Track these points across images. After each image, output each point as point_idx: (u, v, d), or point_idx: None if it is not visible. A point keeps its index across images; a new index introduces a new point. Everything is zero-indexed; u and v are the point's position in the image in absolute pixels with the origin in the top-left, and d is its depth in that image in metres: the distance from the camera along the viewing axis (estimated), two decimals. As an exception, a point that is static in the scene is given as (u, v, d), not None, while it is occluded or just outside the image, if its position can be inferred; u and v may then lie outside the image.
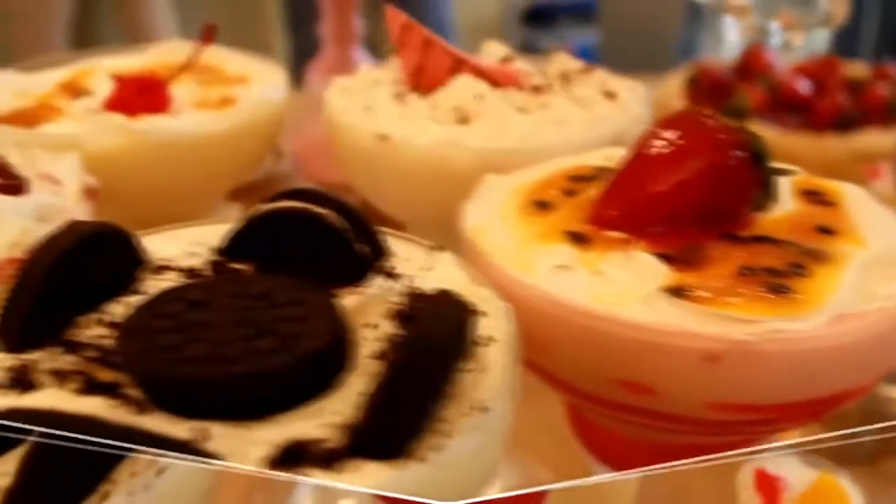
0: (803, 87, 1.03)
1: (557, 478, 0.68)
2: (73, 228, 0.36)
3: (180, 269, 0.39)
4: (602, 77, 0.68)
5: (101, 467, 0.30)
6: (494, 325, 0.36)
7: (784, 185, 0.45)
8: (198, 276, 0.39)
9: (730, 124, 0.44)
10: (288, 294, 0.35)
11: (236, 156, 0.65)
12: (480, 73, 0.60)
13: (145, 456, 0.30)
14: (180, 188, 0.63)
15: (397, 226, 0.50)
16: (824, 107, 1.00)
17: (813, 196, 0.46)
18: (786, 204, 0.45)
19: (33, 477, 0.29)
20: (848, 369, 0.39)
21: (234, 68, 0.71)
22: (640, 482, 0.67)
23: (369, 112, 0.58)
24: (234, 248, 0.40)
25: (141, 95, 0.61)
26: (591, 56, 0.87)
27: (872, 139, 0.98)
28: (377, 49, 0.94)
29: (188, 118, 0.62)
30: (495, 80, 0.61)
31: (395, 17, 0.60)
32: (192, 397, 0.31)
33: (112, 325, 0.35)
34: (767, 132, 1.00)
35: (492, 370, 0.34)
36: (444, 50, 0.60)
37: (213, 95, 0.65)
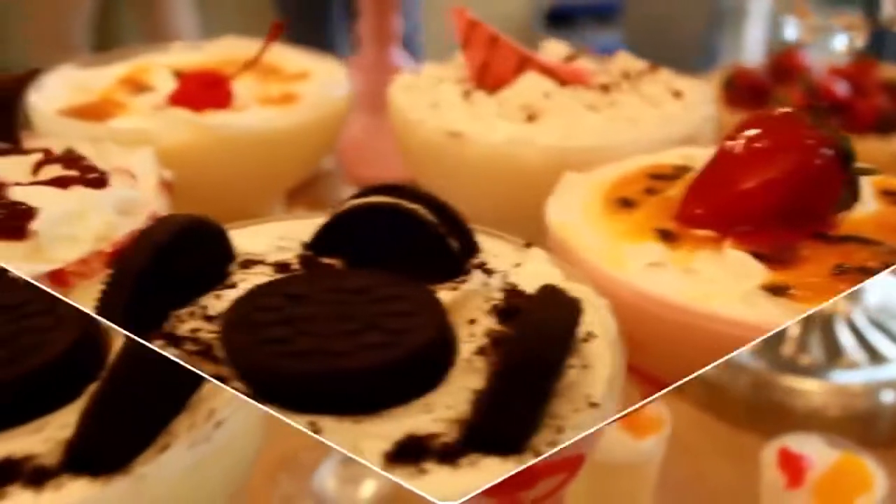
0: (841, 88, 1.03)
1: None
2: (168, 222, 0.36)
3: (271, 264, 0.39)
4: (667, 76, 0.67)
5: (160, 418, 0.30)
6: (595, 322, 0.36)
7: (866, 185, 0.45)
8: (288, 270, 0.38)
9: (814, 124, 0.44)
10: (388, 289, 0.34)
11: (301, 152, 0.65)
12: (547, 70, 0.60)
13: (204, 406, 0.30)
14: (246, 184, 0.63)
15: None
16: (864, 108, 0.99)
17: (893, 196, 0.46)
18: (868, 204, 0.45)
19: (93, 429, 0.29)
20: None
21: (292, 65, 0.71)
22: (660, 465, 0.67)
23: (437, 109, 0.58)
24: (323, 243, 0.40)
25: (205, 91, 0.60)
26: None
27: None
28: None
29: (254, 114, 0.61)
30: (562, 78, 0.60)
31: (461, 15, 0.59)
32: (304, 391, 0.31)
33: (208, 318, 0.35)
34: None
35: (597, 366, 0.34)
36: (509, 47, 0.59)
37: (274, 92, 0.65)
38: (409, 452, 0.29)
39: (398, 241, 0.38)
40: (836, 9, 1.05)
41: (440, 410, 0.31)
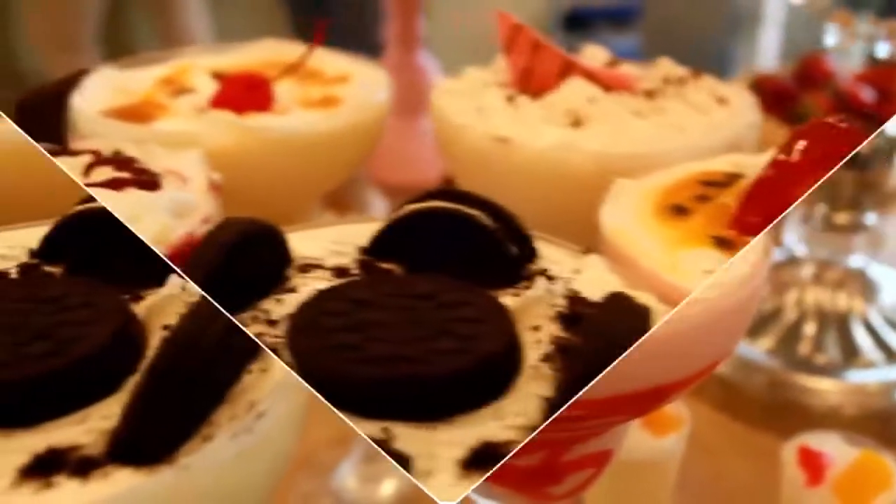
0: (867, 94, 1.03)
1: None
2: (230, 225, 0.36)
3: (329, 268, 0.39)
4: (711, 82, 0.67)
5: (202, 409, 0.30)
6: None
7: None
8: (347, 275, 0.38)
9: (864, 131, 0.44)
10: (455, 294, 0.34)
11: (342, 156, 0.64)
12: (591, 76, 0.59)
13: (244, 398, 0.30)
14: (287, 187, 0.62)
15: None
16: (891, 114, 1.00)
17: None
18: None
19: (138, 419, 0.29)
20: (665, 362, 0.39)
21: (332, 67, 0.69)
22: (679, 464, 0.67)
23: (482, 114, 0.57)
24: (381, 247, 0.39)
25: (247, 93, 0.59)
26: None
27: None
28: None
29: (297, 117, 0.60)
30: (607, 83, 0.59)
31: (505, 19, 0.59)
32: (376, 398, 0.30)
33: (270, 322, 0.35)
34: None
35: (275, 370, 0.33)
36: (553, 52, 0.59)
37: (314, 95, 0.64)
38: (483, 459, 0.29)
39: (457, 247, 0.37)
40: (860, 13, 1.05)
41: (512, 417, 0.31)
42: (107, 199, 0.41)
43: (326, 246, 0.40)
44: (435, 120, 0.61)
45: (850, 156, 0.44)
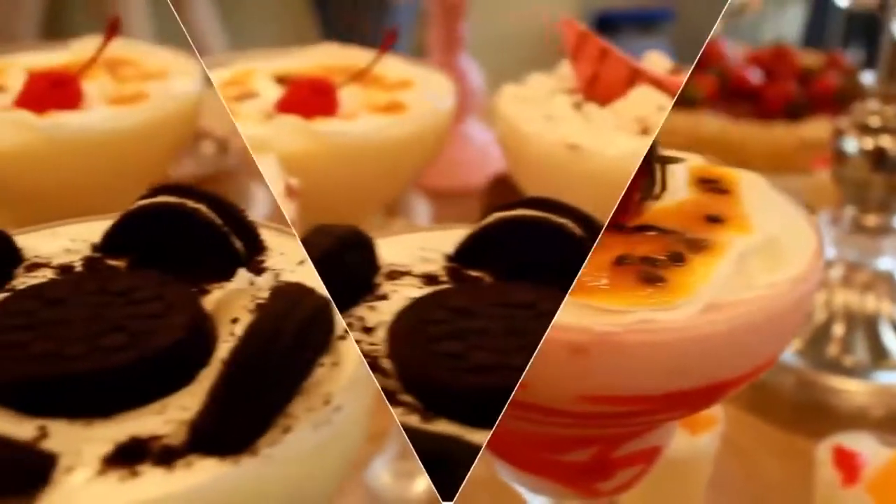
0: (754, 76, 1.04)
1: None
2: (327, 231, 0.37)
3: (418, 276, 0.39)
4: None
5: (281, 400, 0.30)
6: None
7: (679, 174, 0.44)
8: (436, 282, 0.39)
9: None
10: (149, 290, 0.35)
11: (147, 152, 0.64)
12: (659, 83, 0.59)
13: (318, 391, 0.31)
14: (90, 186, 0.62)
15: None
16: (773, 95, 1.01)
17: (708, 184, 0.45)
18: (679, 193, 0.44)
19: (221, 410, 0.29)
20: (722, 359, 0.39)
21: (393, 72, 0.69)
22: (713, 463, 0.67)
23: (551, 121, 0.57)
24: (111, 244, 0.40)
25: (52, 91, 0.59)
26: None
27: (820, 127, 0.99)
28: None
29: (97, 113, 0.60)
30: (674, 91, 0.60)
31: (571, 27, 0.59)
32: (481, 406, 0.32)
33: (366, 329, 0.36)
34: (717, 121, 1.00)
35: (347, 365, 0.34)
36: (620, 60, 0.59)
37: (380, 100, 0.64)
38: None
39: (546, 255, 0.38)
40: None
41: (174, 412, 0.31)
42: None
43: (413, 253, 0.41)
44: (502, 126, 0.61)
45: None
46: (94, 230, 0.41)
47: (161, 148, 0.65)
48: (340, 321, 0.34)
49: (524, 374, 0.33)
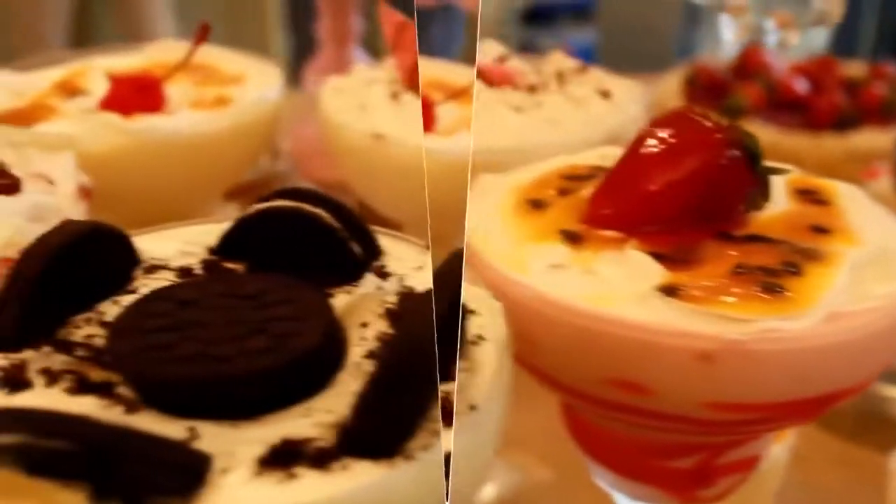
0: (801, 86, 1.04)
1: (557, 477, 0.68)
2: (65, 227, 0.36)
3: (174, 269, 0.39)
4: (598, 76, 0.69)
5: (427, 404, 0.30)
6: (486, 324, 0.36)
7: (778, 184, 0.45)
8: (191, 275, 0.39)
9: (724, 123, 0.44)
10: (279, 293, 0.35)
11: (231, 156, 0.65)
12: (476, 72, 0.62)
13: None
14: (175, 188, 0.63)
15: (394, 225, 0.49)
16: (822, 106, 1.00)
17: (807, 195, 0.46)
18: (780, 203, 0.45)
19: (373, 414, 0.30)
20: (842, 368, 0.39)
21: (229, 67, 0.70)
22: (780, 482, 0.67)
23: (364, 111, 0.58)
24: (227, 247, 0.40)
25: (136, 95, 0.60)
26: (589, 55, 0.88)
27: (869, 138, 0.98)
28: (375, 49, 0.93)
29: (184, 118, 0.61)
30: (490, 79, 0.63)
31: (390, 17, 0.60)
32: (185, 397, 0.31)
33: (104, 324, 0.35)
34: (765, 131, 1.00)
35: (482, 370, 0.34)
36: None
37: (209, 95, 0.65)
38: (285, 457, 0.29)
39: (299, 245, 0.38)
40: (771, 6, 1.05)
41: (318, 415, 0.31)
42: None
43: (178, 247, 0.41)
44: (320, 117, 0.62)
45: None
46: (206, 233, 0.41)
47: (245, 152, 0.67)
48: (471, 327, 0.35)
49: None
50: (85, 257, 0.36)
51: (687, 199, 0.42)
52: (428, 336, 0.30)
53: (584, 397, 0.43)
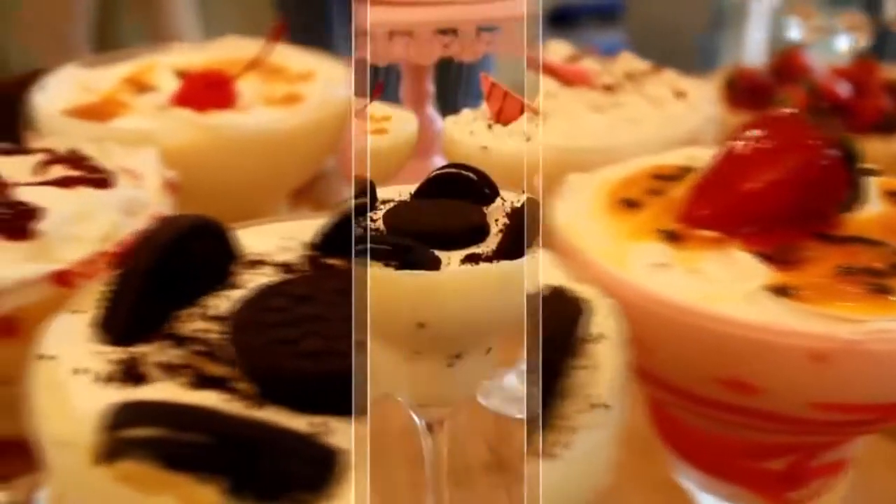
0: (843, 89, 1.03)
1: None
2: (173, 221, 0.36)
3: (275, 264, 0.40)
4: (671, 77, 0.73)
5: (561, 402, 0.31)
6: (602, 323, 0.37)
7: (871, 186, 0.45)
8: (293, 270, 0.39)
9: (819, 125, 0.44)
10: None
11: (303, 152, 0.67)
12: (554, 71, 0.70)
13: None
14: (248, 184, 0.64)
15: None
16: (865, 109, 0.99)
17: None
18: (873, 205, 0.45)
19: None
20: None
21: (297, 65, 0.72)
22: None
23: (472, 135, 0.72)
24: (326, 243, 0.41)
25: (208, 91, 0.61)
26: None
27: None
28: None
29: (258, 114, 0.62)
30: (565, 78, 0.70)
31: (486, 79, 0.76)
32: (310, 392, 0.31)
33: (214, 318, 0.35)
34: None
35: (605, 367, 0.34)
36: (515, 99, 0.74)
37: (278, 92, 0.66)
38: None
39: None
40: (838, 9, 1.05)
41: None
42: (57, 197, 0.43)
43: (275, 242, 0.42)
44: (444, 139, 0.75)
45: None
46: (301, 229, 0.42)
47: (316, 148, 0.69)
48: (593, 326, 0.35)
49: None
50: (190, 251, 0.37)
51: (786, 200, 0.42)
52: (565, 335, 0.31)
53: (686, 395, 0.43)
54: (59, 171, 0.47)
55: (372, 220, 0.43)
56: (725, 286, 0.39)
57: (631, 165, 0.52)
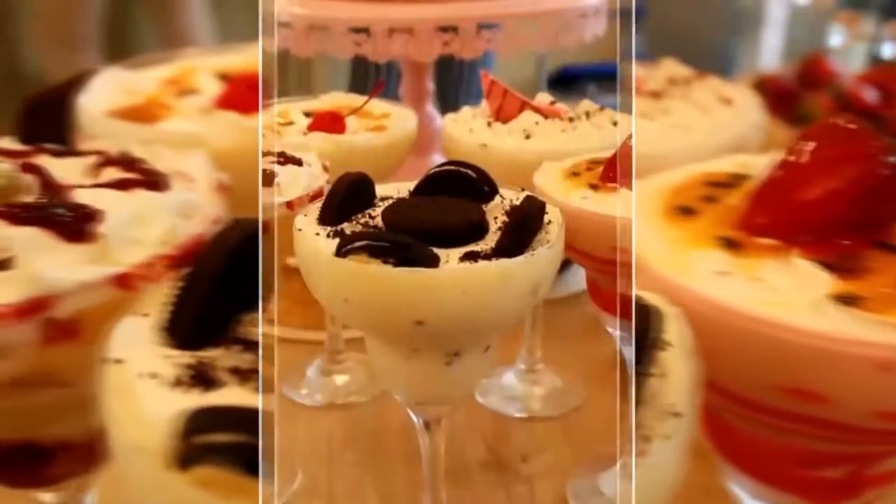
0: (870, 95, 1.02)
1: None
2: (238, 225, 0.37)
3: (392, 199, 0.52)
4: (716, 83, 0.78)
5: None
6: (669, 330, 0.37)
7: None
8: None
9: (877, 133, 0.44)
10: (458, 204, 0.53)
11: (385, 163, 0.84)
12: (537, 109, 0.86)
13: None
14: None
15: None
16: (894, 115, 0.98)
17: None
18: None
19: None
20: None
21: (378, 109, 0.91)
22: None
23: (472, 133, 0.86)
24: (419, 190, 0.56)
25: (251, 93, 0.63)
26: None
27: None
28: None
29: (362, 136, 0.83)
30: (546, 113, 0.86)
31: (486, 77, 0.90)
32: None
33: (372, 217, 0.48)
34: None
35: (675, 375, 0.34)
36: (515, 97, 0.88)
37: (370, 124, 0.86)
38: None
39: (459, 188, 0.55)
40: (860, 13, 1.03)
41: None
42: (116, 200, 0.44)
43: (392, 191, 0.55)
44: (444, 138, 0.89)
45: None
46: (407, 186, 0.57)
47: (394, 160, 0.87)
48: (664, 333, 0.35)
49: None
50: (357, 187, 0.50)
51: (846, 209, 0.42)
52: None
53: (745, 402, 0.43)
54: (112, 173, 0.48)
55: (371, 217, 0.52)
56: (789, 294, 0.39)
57: (682, 172, 0.52)
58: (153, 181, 0.47)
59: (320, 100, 0.96)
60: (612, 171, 0.64)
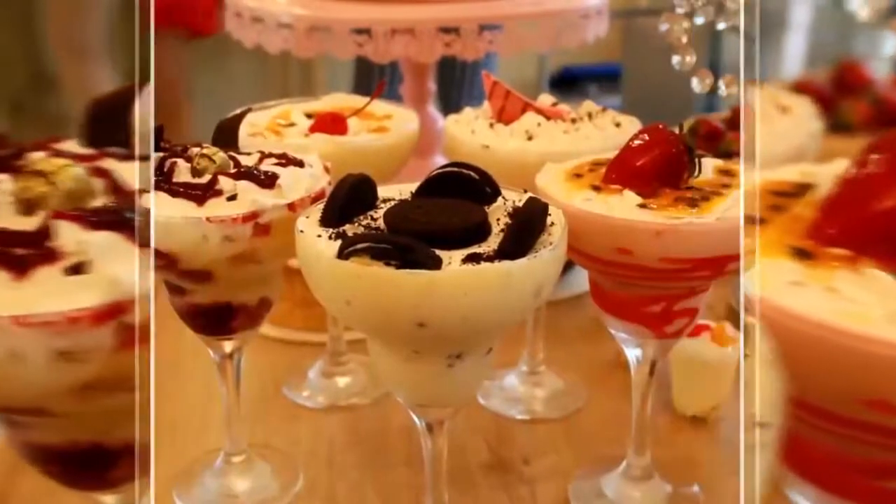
0: None
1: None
2: (350, 176, 0.59)
3: (397, 201, 0.60)
4: (772, 92, 0.79)
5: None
6: (754, 341, 0.38)
7: None
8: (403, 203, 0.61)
9: None
10: (459, 206, 0.58)
11: (391, 160, 0.90)
12: (540, 110, 0.88)
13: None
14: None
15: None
16: None
17: None
18: None
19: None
20: None
21: (381, 110, 0.96)
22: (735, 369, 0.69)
23: (474, 133, 0.88)
24: (421, 191, 0.63)
25: (332, 124, 0.88)
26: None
27: None
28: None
29: (363, 137, 0.89)
30: (548, 115, 0.87)
31: (488, 78, 0.91)
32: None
33: (372, 218, 0.57)
34: None
35: (761, 385, 0.35)
36: (517, 98, 0.89)
37: (372, 126, 0.91)
38: None
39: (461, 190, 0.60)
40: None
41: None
42: (283, 170, 0.68)
43: (392, 193, 0.61)
44: (446, 138, 0.92)
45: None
46: (409, 188, 0.62)
47: (397, 159, 0.92)
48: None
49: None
50: (359, 188, 0.58)
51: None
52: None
53: (818, 412, 0.42)
54: (272, 161, 0.71)
55: (372, 218, 0.57)
56: (867, 306, 0.39)
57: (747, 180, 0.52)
58: (298, 163, 0.72)
59: (322, 101, 0.99)
60: (615, 172, 0.65)
